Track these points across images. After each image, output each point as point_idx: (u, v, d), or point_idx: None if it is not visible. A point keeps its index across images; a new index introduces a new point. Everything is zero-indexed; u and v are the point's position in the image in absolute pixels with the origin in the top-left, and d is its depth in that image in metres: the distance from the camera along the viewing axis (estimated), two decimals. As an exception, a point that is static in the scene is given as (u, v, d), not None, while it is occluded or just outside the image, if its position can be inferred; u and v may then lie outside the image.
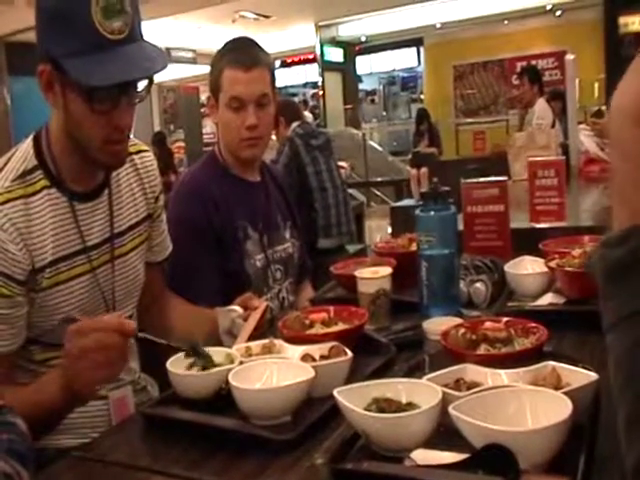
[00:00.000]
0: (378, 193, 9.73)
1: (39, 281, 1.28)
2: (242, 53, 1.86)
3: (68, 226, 1.32)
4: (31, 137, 1.35)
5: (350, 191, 4.98)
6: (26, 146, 1.34)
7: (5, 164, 1.31)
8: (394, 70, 16.80)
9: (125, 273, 1.44)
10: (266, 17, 11.73)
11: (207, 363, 1.13)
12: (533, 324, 1.16)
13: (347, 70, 14.64)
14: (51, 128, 1.33)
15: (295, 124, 3.88)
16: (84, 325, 1.13)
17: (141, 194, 1.50)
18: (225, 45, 1.92)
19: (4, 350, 1.26)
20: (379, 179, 10.11)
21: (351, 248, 3.80)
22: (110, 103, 1.23)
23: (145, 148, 1.54)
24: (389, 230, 3.08)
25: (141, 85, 1.28)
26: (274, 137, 3.86)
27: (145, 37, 1.27)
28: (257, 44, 1.92)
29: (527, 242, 1.79)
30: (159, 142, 8.82)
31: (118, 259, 1.42)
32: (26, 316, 1.28)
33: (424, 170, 2.73)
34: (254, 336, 1.37)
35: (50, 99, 1.27)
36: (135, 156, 1.50)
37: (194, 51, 13.20)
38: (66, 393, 1.16)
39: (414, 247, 1.65)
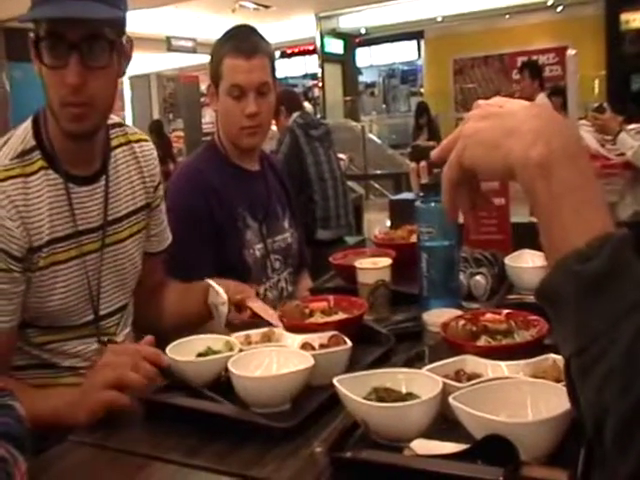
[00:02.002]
0: (377, 186, 9.70)
1: (35, 260, 1.28)
2: (243, 41, 1.86)
3: (63, 208, 1.32)
4: (31, 117, 1.35)
5: (349, 183, 4.96)
6: (25, 126, 1.34)
7: (5, 143, 1.31)
8: (394, 63, 16.75)
9: (120, 260, 1.43)
10: (266, 7, 11.67)
11: None
12: (534, 317, 1.16)
13: (347, 62, 14.58)
14: (47, 108, 1.33)
15: (296, 114, 3.86)
16: (123, 347, 1.21)
17: (140, 182, 1.49)
18: (226, 33, 1.91)
19: (5, 326, 1.26)
20: (378, 172, 10.09)
21: (350, 240, 3.79)
22: (58, 58, 1.22)
23: (145, 137, 1.54)
24: (388, 223, 3.07)
25: (101, 48, 1.24)
26: (274, 127, 3.84)
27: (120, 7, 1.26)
28: (258, 32, 1.91)
29: (527, 236, 1.77)
30: (156, 130, 8.78)
31: (114, 245, 1.41)
32: (23, 294, 1.28)
33: (423, 164, 2.71)
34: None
35: (36, 66, 1.27)
36: (135, 144, 1.49)
37: (194, 40, 13.14)
38: (58, 410, 1.16)
39: (414, 239, 1.65)
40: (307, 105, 6.11)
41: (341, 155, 5.62)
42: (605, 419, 0.55)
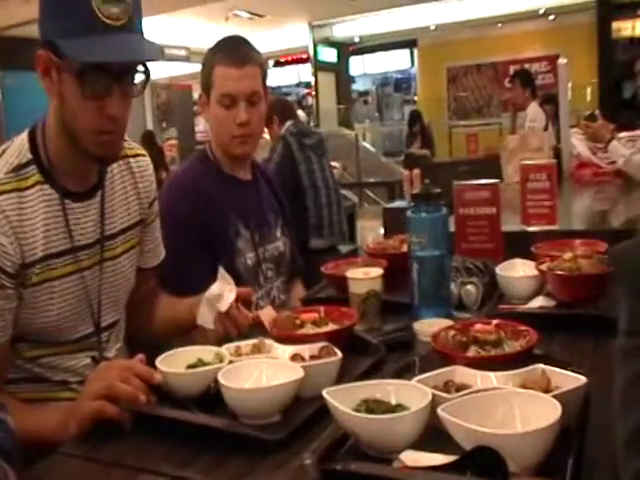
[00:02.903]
0: (370, 194, 9.72)
1: (29, 276, 1.27)
2: (234, 51, 1.87)
3: (59, 224, 1.31)
4: (26, 131, 1.34)
5: (342, 191, 4.97)
6: (21, 140, 1.32)
7: None
8: (387, 71, 16.80)
9: (115, 276, 1.42)
10: (260, 16, 11.70)
11: None
12: (523, 327, 1.17)
13: (340, 70, 14.63)
14: (48, 123, 1.32)
15: (289, 123, 3.87)
16: (115, 362, 1.22)
17: (135, 198, 1.48)
18: (217, 43, 1.92)
19: None
20: (372, 180, 10.11)
21: (343, 248, 3.79)
22: (102, 89, 1.22)
23: (142, 152, 1.53)
24: (381, 231, 3.07)
25: (138, 78, 1.26)
26: (267, 136, 3.84)
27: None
28: (249, 42, 1.92)
29: (518, 245, 1.79)
30: (148, 141, 8.76)
31: (108, 261, 1.40)
32: (14, 311, 1.27)
33: (417, 171, 2.70)
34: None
35: (46, 85, 1.26)
36: (131, 159, 1.48)
37: (187, 49, 13.15)
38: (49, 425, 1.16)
39: (405, 248, 1.65)
40: (301, 113, 6.14)
41: (334, 163, 5.63)
42: (628, 409, 0.54)
